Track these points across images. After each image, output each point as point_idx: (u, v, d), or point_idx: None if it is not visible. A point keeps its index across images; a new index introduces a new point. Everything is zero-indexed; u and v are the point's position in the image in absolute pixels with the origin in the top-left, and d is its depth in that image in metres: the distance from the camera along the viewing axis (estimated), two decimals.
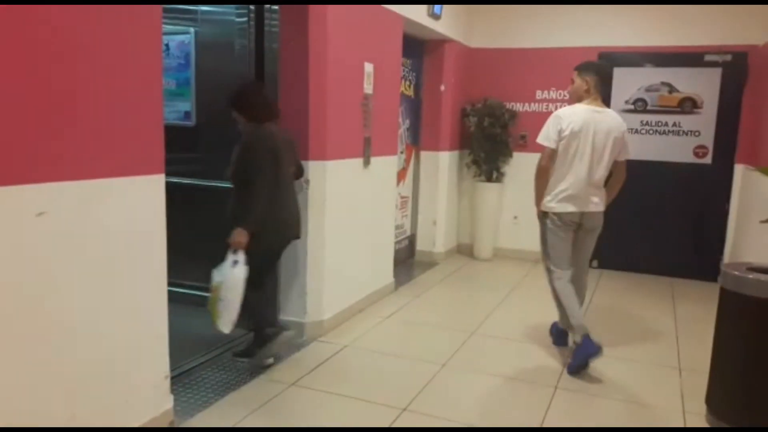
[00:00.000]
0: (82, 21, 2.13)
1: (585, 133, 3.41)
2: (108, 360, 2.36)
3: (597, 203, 3.56)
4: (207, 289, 3.38)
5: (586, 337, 3.43)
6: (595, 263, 6.06)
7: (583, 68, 3.55)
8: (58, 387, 2.17)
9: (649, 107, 5.77)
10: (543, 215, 3.59)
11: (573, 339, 3.53)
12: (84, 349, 2.25)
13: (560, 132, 3.42)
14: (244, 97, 3.24)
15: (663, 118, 5.73)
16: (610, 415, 3.03)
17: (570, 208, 3.50)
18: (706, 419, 2.94)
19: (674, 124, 5.71)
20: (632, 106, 5.81)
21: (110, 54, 2.25)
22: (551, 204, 3.53)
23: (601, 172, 3.52)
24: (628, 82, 5.80)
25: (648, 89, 5.75)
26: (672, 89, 5.69)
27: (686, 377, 3.47)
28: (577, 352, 3.46)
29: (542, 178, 3.54)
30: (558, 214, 3.52)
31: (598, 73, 3.52)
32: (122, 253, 2.37)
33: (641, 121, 5.80)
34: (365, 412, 2.93)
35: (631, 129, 5.82)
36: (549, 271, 3.65)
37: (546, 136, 3.47)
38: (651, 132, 5.78)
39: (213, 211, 4.28)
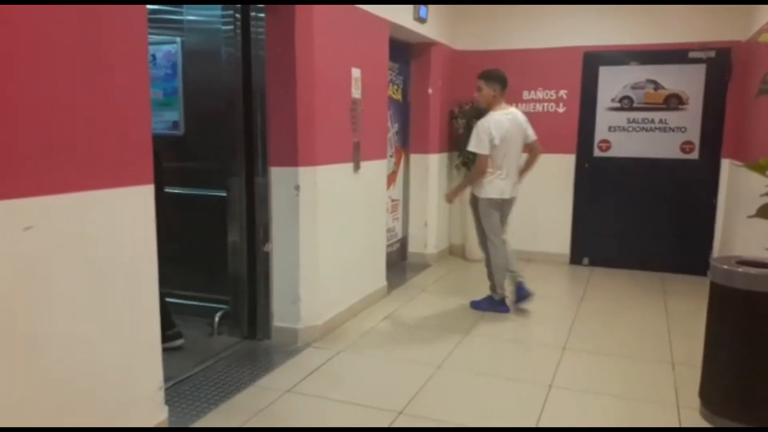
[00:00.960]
0: (65, 26, 2.12)
1: (510, 136, 4.31)
2: (101, 372, 2.35)
3: (516, 184, 4.50)
4: (200, 299, 3.39)
5: (504, 300, 4.58)
6: (586, 260, 6.11)
7: (488, 78, 4.35)
8: (50, 401, 2.16)
9: (635, 105, 5.81)
10: (475, 200, 4.48)
11: (491, 292, 4.59)
12: (76, 362, 2.24)
13: (492, 140, 4.24)
14: None
15: (649, 115, 5.78)
16: (604, 411, 3.05)
17: (506, 195, 4.41)
18: (699, 413, 2.96)
19: (660, 121, 5.75)
20: (618, 104, 5.85)
21: (96, 64, 2.24)
22: (492, 194, 4.38)
23: (520, 161, 4.49)
24: (613, 80, 5.85)
25: (634, 87, 5.80)
26: (658, 86, 5.74)
27: (679, 371, 3.50)
28: (490, 304, 4.56)
29: (479, 178, 4.41)
30: (496, 200, 4.39)
31: (501, 83, 4.36)
32: (112, 264, 2.37)
33: (628, 119, 5.84)
34: (361, 417, 2.93)
35: (618, 126, 5.88)
36: (491, 243, 4.48)
37: (480, 146, 4.28)
38: (638, 129, 5.82)
39: (203, 220, 4.30)
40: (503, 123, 4.28)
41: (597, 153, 5.98)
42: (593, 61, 5.88)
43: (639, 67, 5.77)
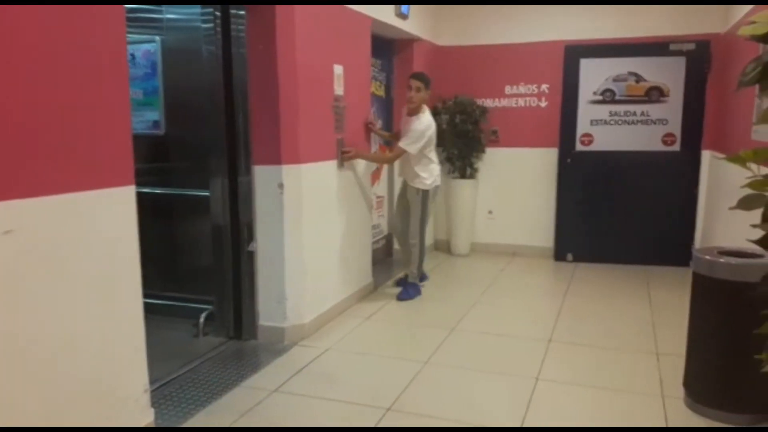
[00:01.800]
0: (40, 26, 2.09)
1: (435, 134, 4.77)
2: (85, 376, 2.32)
3: None
4: (184, 299, 3.36)
5: (422, 276, 5.01)
6: (570, 257, 6.13)
7: (427, 83, 4.66)
8: (35, 406, 2.13)
9: (617, 97, 5.84)
10: (425, 194, 4.73)
11: (412, 279, 4.89)
12: (60, 366, 2.21)
13: (429, 138, 4.62)
14: None
15: (631, 107, 5.81)
16: (590, 402, 3.07)
17: (440, 180, 4.91)
18: (684, 402, 3.00)
19: (642, 114, 5.79)
20: (600, 97, 5.88)
21: (73, 64, 2.21)
22: (438, 182, 4.84)
23: None
24: (595, 73, 5.86)
25: (615, 79, 5.83)
26: (639, 79, 5.77)
27: (664, 362, 3.53)
28: (415, 289, 4.86)
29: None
30: (435, 186, 4.81)
31: (430, 89, 4.75)
32: (95, 267, 2.34)
33: (610, 112, 5.87)
34: (350, 414, 2.93)
35: (600, 120, 5.91)
36: (423, 232, 4.81)
37: (416, 147, 4.54)
38: (620, 122, 5.86)
39: (186, 220, 4.27)
40: (432, 121, 4.74)
41: (579, 147, 6.00)
42: (574, 53, 5.90)
43: (620, 59, 5.79)
